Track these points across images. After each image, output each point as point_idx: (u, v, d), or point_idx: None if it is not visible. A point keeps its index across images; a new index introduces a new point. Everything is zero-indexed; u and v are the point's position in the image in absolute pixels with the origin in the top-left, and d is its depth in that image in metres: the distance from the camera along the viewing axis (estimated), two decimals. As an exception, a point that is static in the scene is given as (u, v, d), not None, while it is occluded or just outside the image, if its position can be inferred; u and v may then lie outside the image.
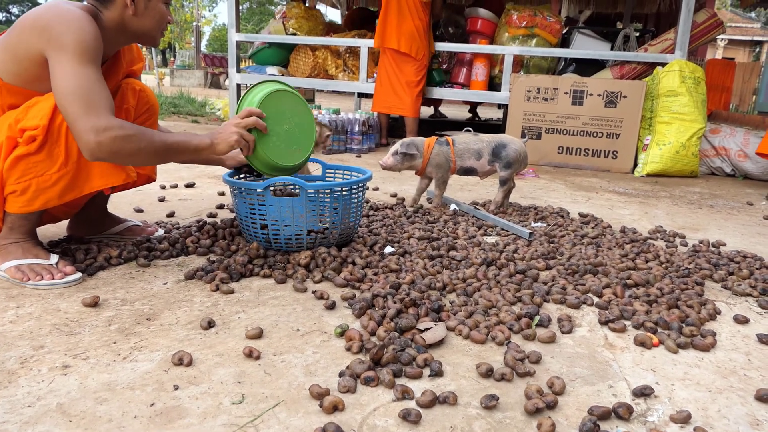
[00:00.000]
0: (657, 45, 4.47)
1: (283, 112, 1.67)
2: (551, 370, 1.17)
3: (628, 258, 1.91)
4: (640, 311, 1.47)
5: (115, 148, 1.35)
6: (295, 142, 1.72)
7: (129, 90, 1.68)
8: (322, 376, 1.10)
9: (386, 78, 4.57)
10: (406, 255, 1.84)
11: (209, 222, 2.02)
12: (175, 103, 7.21)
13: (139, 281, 1.55)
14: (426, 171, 2.49)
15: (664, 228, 2.41)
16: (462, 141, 2.48)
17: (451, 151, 2.44)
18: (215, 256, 1.74)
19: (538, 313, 1.42)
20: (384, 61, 4.58)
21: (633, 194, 3.29)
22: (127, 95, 1.67)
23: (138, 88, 1.70)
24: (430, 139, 2.48)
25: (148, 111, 1.74)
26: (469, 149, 2.46)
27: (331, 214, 1.78)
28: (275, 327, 1.31)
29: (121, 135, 1.35)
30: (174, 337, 1.24)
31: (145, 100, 1.72)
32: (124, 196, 2.48)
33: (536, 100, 4.21)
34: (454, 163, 2.46)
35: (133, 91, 1.68)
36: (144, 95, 1.72)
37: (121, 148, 1.36)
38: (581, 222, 2.42)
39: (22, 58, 1.39)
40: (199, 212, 2.34)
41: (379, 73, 4.63)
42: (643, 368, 1.21)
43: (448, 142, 2.47)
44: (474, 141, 2.48)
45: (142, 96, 1.71)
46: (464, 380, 1.12)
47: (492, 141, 2.47)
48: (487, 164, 2.47)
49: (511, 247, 1.97)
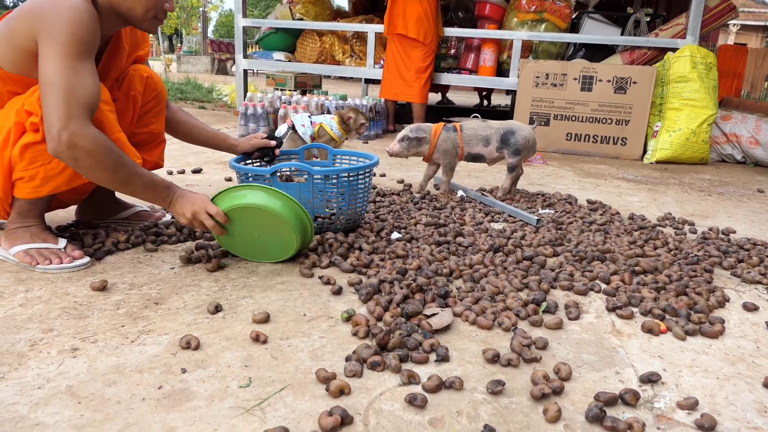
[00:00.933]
0: (668, 30, 4.40)
1: (256, 224, 1.51)
2: (558, 356, 1.17)
3: (636, 245, 1.90)
4: (648, 298, 1.46)
5: (76, 155, 1.30)
6: (267, 246, 1.56)
7: (136, 76, 1.67)
8: (329, 361, 1.11)
9: (393, 64, 4.54)
10: (413, 241, 1.83)
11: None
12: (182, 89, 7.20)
13: (147, 266, 1.56)
14: (433, 157, 2.48)
15: (673, 215, 2.39)
16: (470, 127, 2.46)
17: (459, 138, 2.42)
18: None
19: (545, 299, 1.41)
20: (392, 47, 4.54)
21: (642, 181, 3.26)
22: (135, 82, 1.66)
23: (145, 75, 1.69)
24: (437, 125, 2.46)
25: (155, 98, 1.73)
26: (477, 135, 2.44)
27: (338, 199, 1.77)
28: (282, 312, 1.31)
29: (87, 148, 1.29)
30: (181, 321, 1.24)
31: (153, 87, 1.71)
32: (132, 181, 2.48)
33: (545, 86, 4.16)
34: (461, 150, 2.44)
35: (141, 78, 1.67)
36: (152, 82, 1.70)
37: (80, 160, 1.31)
38: (589, 209, 2.41)
39: (20, 48, 1.36)
40: (206, 198, 2.34)
41: (387, 59, 4.59)
42: (650, 355, 1.20)
43: (455, 128, 2.45)
44: (482, 127, 2.46)
45: (149, 83, 1.70)
46: (470, 365, 1.12)
47: (501, 128, 2.45)
48: (496, 151, 2.45)
49: (519, 234, 1.96)
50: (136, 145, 1.71)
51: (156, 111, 1.75)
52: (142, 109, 1.71)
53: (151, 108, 1.73)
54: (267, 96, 4.25)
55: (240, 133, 4.06)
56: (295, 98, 4.20)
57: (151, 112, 1.74)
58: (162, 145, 1.83)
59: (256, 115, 4.04)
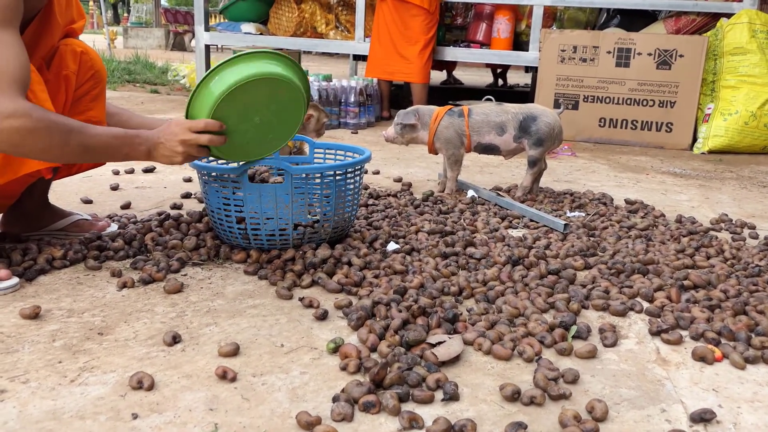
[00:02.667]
0: (721, -9, 4.44)
1: (257, 103, 1.55)
2: (591, 392, 1.18)
3: (685, 254, 1.91)
4: (700, 319, 1.47)
5: (15, 140, 1.33)
6: (270, 130, 1.63)
7: (68, 53, 1.67)
8: (312, 402, 1.11)
9: (387, 35, 4.53)
10: (414, 253, 1.84)
11: (173, 215, 2.02)
12: (130, 69, 7.21)
13: (89, 287, 1.56)
14: (435, 147, 2.49)
15: (730, 217, 2.41)
16: (481, 111, 2.47)
17: (465, 124, 2.43)
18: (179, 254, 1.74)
19: (575, 322, 1.42)
20: (384, 12, 4.53)
21: (692, 176, 3.28)
22: (66, 59, 1.66)
23: (79, 50, 1.69)
24: (440, 109, 2.47)
25: (93, 78, 1.73)
26: (490, 122, 2.45)
27: (321, 203, 1.78)
28: (254, 342, 1.31)
29: (26, 126, 1.32)
30: (131, 355, 1.24)
31: (89, 64, 1.72)
32: (69, 183, 2.49)
33: (572, 61, 4.19)
34: (468, 139, 2.45)
35: (74, 53, 1.68)
36: (87, 58, 1.71)
37: (22, 142, 1.34)
38: (628, 210, 2.42)
39: None
40: (160, 203, 2.35)
41: (377, 27, 4.57)
42: (702, 388, 1.21)
43: (462, 112, 2.46)
44: (496, 112, 2.47)
45: (84, 60, 1.70)
46: (485, 405, 1.12)
47: (519, 112, 2.46)
48: (513, 141, 2.47)
49: (542, 242, 1.97)
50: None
51: (94, 94, 1.76)
52: (76, 92, 1.72)
53: (87, 90, 1.74)
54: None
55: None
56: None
57: (88, 96, 1.75)
58: None
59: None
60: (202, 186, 1.83)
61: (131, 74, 6.94)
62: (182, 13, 15.58)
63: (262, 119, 1.58)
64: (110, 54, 9.46)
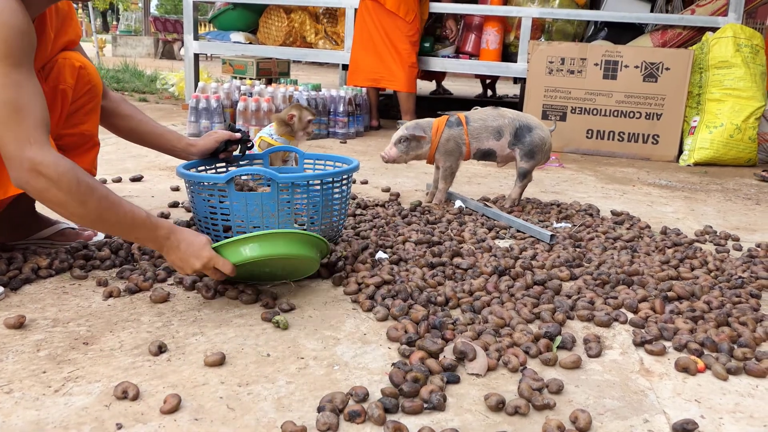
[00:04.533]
0: (707, 5, 4.50)
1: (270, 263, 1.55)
2: (575, 402, 1.19)
3: (669, 265, 1.93)
4: (683, 330, 1.49)
5: (39, 189, 1.33)
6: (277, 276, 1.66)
7: (66, 66, 1.67)
8: (298, 411, 1.11)
9: (369, 39, 4.51)
10: (401, 263, 1.85)
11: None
12: (119, 77, 7.20)
13: (74, 297, 1.56)
14: (435, 158, 2.50)
15: (714, 229, 2.43)
16: (478, 117, 2.49)
17: (465, 132, 2.44)
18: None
19: (560, 332, 1.43)
20: (364, 16, 4.49)
21: (677, 187, 3.32)
22: (64, 73, 1.67)
23: (78, 65, 1.70)
24: (439, 120, 2.47)
25: (89, 93, 1.74)
26: (488, 127, 2.47)
27: (309, 212, 1.79)
28: (241, 352, 1.32)
29: (50, 180, 1.32)
30: (117, 365, 1.24)
31: (86, 79, 1.72)
32: (56, 192, 2.47)
33: (560, 72, 4.23)
34: (468, 147, 2.46)
35: (72, 68, 1.68)
36: (85, 73, 1.71)
37: (44, 194, 1.34)
38: (614, 222, 2.45)
39: None
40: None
41: (359, 34, 4.54)
42: (685, 399, 1.23)
43: (459, 120, 2.47)
44: (493, 116, 2.49)
45: (82, 74, 1.71)
46: (470, 415, 1.13)
47: (516, 119, 2.49)
48: (507, 147, 2.49)
49: (529, 253, 1.98)
50: (64, 149, 1.71)
51: (88, 108, 1.76)
52: (72, 105, 1.72)
53: (83, 105, 1.74)
54: (223, 86, 4.26)
55: (190, 131, 4.06)
56: (258, 89, 4.23)
57: (83, 110, 1.75)
58: (95, 150, 1.84)
59: (210, 109, 4.05)
60: (189, 195, 1.84)
61: (120, 82, 6.92)
62: (171, 21, 15.58)
63: (272, 271, 1.61)
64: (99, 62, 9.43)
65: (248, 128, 3.89)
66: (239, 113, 3.95)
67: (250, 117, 3.90)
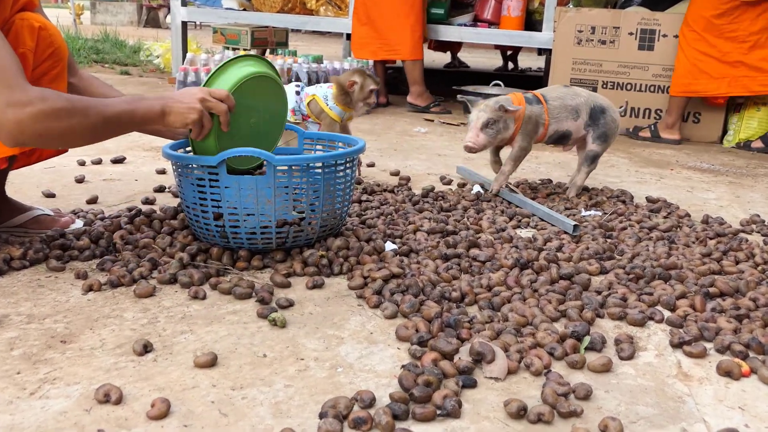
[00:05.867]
0: (755, -33, 4.44)
1: (257, 103, 1.74)
2: (605, 409, 1.19)
3: (711, 258, 1.93)
4: (726, 329, 1.48)
5: (40, 128, 1.40)
6: (258, 139, 1.78)
7: (25, 28, 1.67)
8: (297, 418, 1.12)
9: (362, 5, 4.50)
10: (412, 254, 1.85)
11: (144, 211, 2.03)
12: (98, 47, 7.20)
13: (51, 290, 1.56)
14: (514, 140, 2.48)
15: (762, 218, 2.42)
16: (556, 96, 2.51)
17: (545, 111, 2.44)
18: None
19: (588, 332, 1.43)
20: None
21: (721, 171, 3.30)
22: (23, 35, 1.66)
23: (37, 25, 1.69)
24: (518, 96, 2.45)
25: (52, 56, 1.73)
26: (566, 106, 2.49)
27: (309, 198, 1.79)
28: (234, 352, 1.32)
29: (45, 110, 1.39)
30: (98, 365, 1.25)
31: (48, 41, 1.72)
32: (29, 174, 2.49)
33: (590, 43, 4.20)
34: (546, 128, 2.46)
35: (30, 29, 1.68)
36: (46, 35, 1.71)
37: (48, 129, 1.41)
38: (649, 210, 2.44)
39: None
40: (130, 197, 2.35)
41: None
42: (728, 406, 1.22)
43: (538, 99, 2.47)
44: (570, 95, 2.52)
45: (43, 36, 1.70)
46: (488, 422, 1.13)
47: (590, 99, 2.53)
48: (583, 128, 2.51)
49: (554, 244, 1.98)
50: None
51: (54, 74, 1.75)
52: (34, 72, 1.71)
53: (46, 70, 1.74)
54: (214, 57, 4.26)
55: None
56: (253, 61, 4.22)
57: (47, 76, 1.74)
58: None
59: (199, 83, 4.04)
60: (176, 179, 1.84)
61: (99, 53, 6.92)
62: (157, -15, 15.52)
63: (257, 122, 1.75)
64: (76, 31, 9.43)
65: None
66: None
67: (244, 92, 3.90)
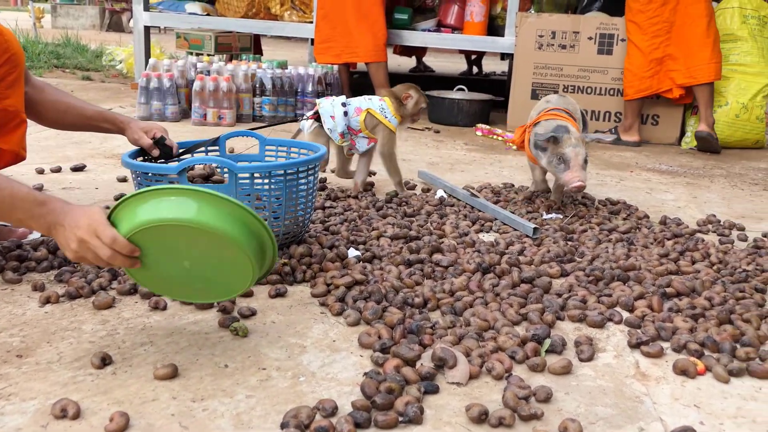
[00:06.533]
0: (710, -27, 4.54)
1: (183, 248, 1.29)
2: (565, 411, 1.20)
3: (668, 258, 1.96)
4: (683, 329, 1.51)
5: None
6: (201, 281, 1.37)
7: None
8: (259, 429, 1.11)
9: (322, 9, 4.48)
10: (375, 261, 1.85)
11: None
12: (59, 52, 7.07)
13: (6, 303, 1.53)
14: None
15: (718, 218, 2.47)
16: (558, 103, 2.59)
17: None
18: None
19: (549, 335, 1.44)
20: None
21: (679, 173, 3.36)
22: None
23: None
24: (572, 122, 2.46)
25: (9, 62, 1.70)
26: (576, 110, 2.61)
27: (271, 206, 1.78)
28: (195, 363, 1.31)
29: None
30: (55, 379, 1.23)
31: (4, 46, 1.68)
32: (-14, 185, 2.43)
33: (551, 47, 4.25)
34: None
35: None
36: (1, 40, 1.68)
37: None
38: (609, 212, 2.47)
39: None
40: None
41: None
42: (684, 404, 1.25)
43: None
44: (571, 102, 2.64)
45: None
46: (449, 428, 1.14)
47: (577, 105, 2.66)
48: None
49: (516, 248, 1.99)
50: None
51: (10, 80, 1.72)
52: None
53: (3, 76, 1.70)
54: (177, 63, 4.21)
55: (140, 114, 4.01)
56: (216, 66, 4.18)
57: (4, 82, 1.71)
58: (22, 128, 1.80)
59: (162, 89, 4.00)
60: (136, 187, 1.82)
61: (60, 58, 6.80)
62: (119, -11, 15.33)
63: (193, 267, 1.32)
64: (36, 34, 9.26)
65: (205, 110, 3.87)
66: (195, 94, 3.90)
67: (208, 98, 3.87)
